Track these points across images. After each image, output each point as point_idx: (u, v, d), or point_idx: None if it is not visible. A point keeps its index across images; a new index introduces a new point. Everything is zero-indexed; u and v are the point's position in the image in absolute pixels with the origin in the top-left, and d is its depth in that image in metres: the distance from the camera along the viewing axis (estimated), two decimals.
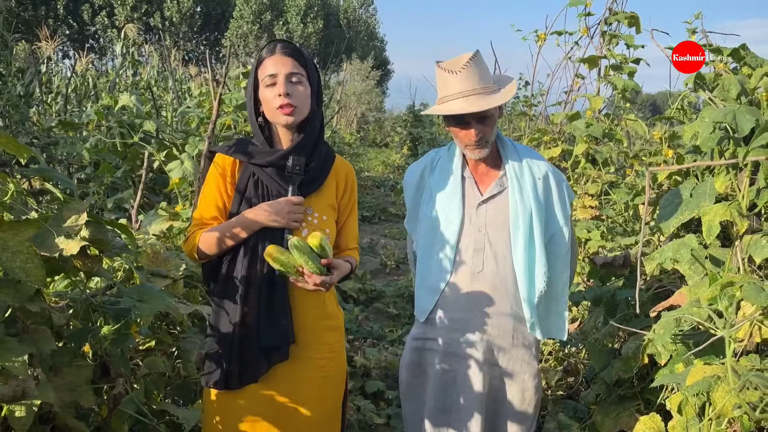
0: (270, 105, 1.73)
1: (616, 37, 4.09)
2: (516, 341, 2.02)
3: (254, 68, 1.76)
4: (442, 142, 10.95)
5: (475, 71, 1.90)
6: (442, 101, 1.95)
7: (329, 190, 1.85)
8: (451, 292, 2.02)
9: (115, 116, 3.61)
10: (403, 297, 5.30)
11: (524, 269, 1.96)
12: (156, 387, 2.19)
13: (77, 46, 16.24)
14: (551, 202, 2.02)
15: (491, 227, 2.00)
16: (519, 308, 2.00)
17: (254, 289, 1.72)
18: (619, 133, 3.86)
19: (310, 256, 1.61)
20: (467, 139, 1.95)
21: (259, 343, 1.70)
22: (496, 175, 2.04)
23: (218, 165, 1.79)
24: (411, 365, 2.12)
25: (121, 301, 1.75)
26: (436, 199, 2.05)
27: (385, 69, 41.37)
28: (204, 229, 1.77)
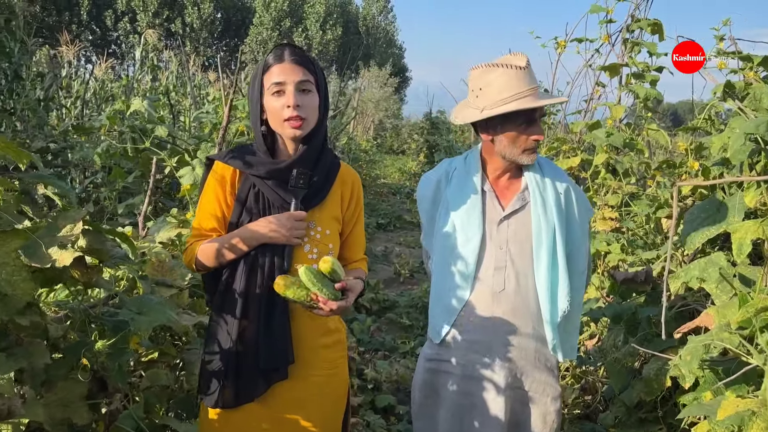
0: (277, 116, 1.64)
1: (639, 44, 3.98)
2: (539, 363, 1.92)
3: (259, 74, 1.67)
4: (459, 149, 10.85)
5: (532, 70, 1.84)
6: (509, 100, 1.79)
7: (333, 201, 1.77)
8: (469, 313, 1.92)
9: (127, 121, 3.57)
10: (416, 307, 5.20)
11: (547, 288, 1.86)
12: (158, 400, 2.11)
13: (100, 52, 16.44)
14: (572, 217, 1.92)
15: (513, 244, 1.90)
16: (541, 329, 1.90)
17: (253, 303, 1.64)
18: (640, 143, 3.75)
19: (323, 283, 1.52)
20: (530, 140, 1.84)
21: (258, 365, 1.63)
22: (517, 189, 1.94)
23: (217, 174, 1.71)
24: (424, 386, 2.03)
25: (120, 314, 1.69)
26: (454, 213, 1.94)
27: (403, 76, 41.39)
28: (203, 240, 1.70)
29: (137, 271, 2.24)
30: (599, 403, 2.99)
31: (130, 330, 1.64)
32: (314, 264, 1.69)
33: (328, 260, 1.53)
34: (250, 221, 1.66)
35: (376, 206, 10.45)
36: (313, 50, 36.55)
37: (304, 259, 1.68)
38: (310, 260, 1.68)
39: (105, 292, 1.96)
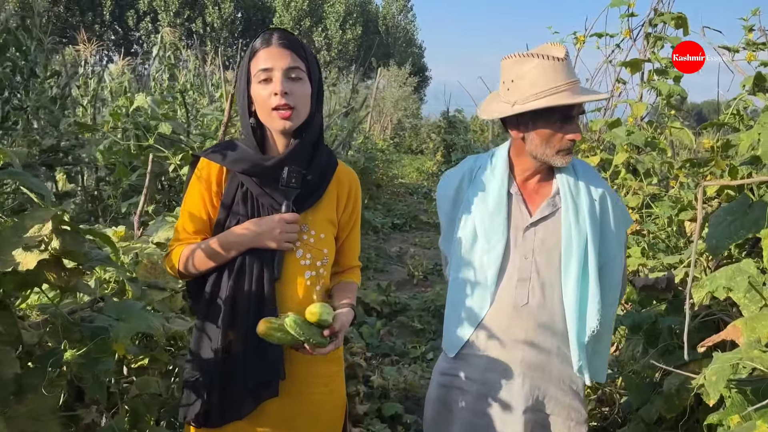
0: (264, 105, 1.50)
1: (662, 39, 3.81)
2: (563, 385, 1.76)
3: (246, 60, 1.53)
4: (477, 149, 10.68)
5: (571, 62, 1.67)
6: (543, 95, 1.62)
7: (329, 203, 1.63)
8: (487, 327, 1.76)
9: (131, 117, 3.48)
10: (429, 311, 5.06)
11: (575, 304, 1.69)
12: (147, 410, 2.01)
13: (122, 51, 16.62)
14: (607, 226, 1.75)
15: (540, 254, 1.73)
16: (566, 348, 1.74)
17: (240, 314, 1.51)
18: (662, 142, 3.58)
19: (310, 332, 1.41)
20: (566, 140, 1.67)
21: (246, 380, 1.50)
22: (547, 193, 1.77)
23: (201, 172, 1.58)
24: (436, 402, 1.88)
25: (96, 320, 1.58)
26: (476, 217, 1.78)
27: (423, 76, 41.22)
28: (185, 245, 1.57)
29: (127, 274, 2.14)
30: (617, 414, 2.83)
31: (108, 338, 1.53)
32: (307, 271, 1.57)
33: (315, 311, 1.42)
34: (237, 224, 1.53)
35: (393, 206, 10.34)
36: (332, 50, 36.55)
37: (296, 266, 1.55)
38: (303, 266, 1.55)
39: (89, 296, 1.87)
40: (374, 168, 10.44)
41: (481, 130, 15.49)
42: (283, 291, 1.53)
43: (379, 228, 8.29)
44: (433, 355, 4.19)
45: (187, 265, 1.55)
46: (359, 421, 3.06)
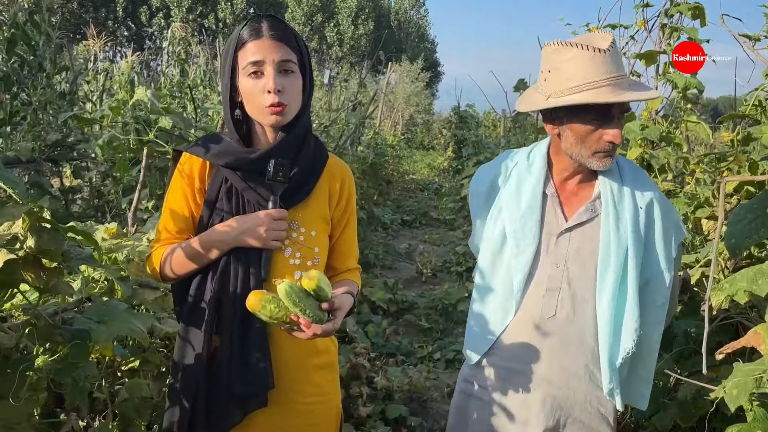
0: (254, 101, 1.40)
1: (678, 30, 3.67)
2: (590, 408, 1.61)
3: (231, 50, 1.43)
4: (488, 145, 10.54)
5: (618, 54, 1.51)
6: (579, 89, 1.48)
7: (320, 198, 1.53)
8: (510, 337, 1.64)
9: (131, 111, 3.41)
10: (437, 309, 4.96)
11: (609, 321, 1.55)
12: (138, 414, 1.93)
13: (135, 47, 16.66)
14: (652, 239, 1.58)
15: (573, 263, 1.59)
16: (596, 368, 1.60)
17: (226, 319, 1.42)
18: (678, 137, 3.46)
19: (306, 302, 1.26)
20: (602, 142, 1.51)
21: (232, 390, 1.40)
22: (587, 197, 1.62)
23: (183, 167, 1.48)
24: (456, 411, 1.78)
25: (76, 322, 1.50)
26: (507, 217, 1.64)
27: (435, 71, 41.02)
28: (168, 245, 1.48)
29: (120, 272, 2.07)
30: (630, 419, 2.73)
31: (87, 342, 1.45)
32: (297, 271, 1.47)
33: (314, 276, 1.27)
34: (221, 222, 1.44)
35: (402, 202, 10.24)
36: (345, 45, 36.43)
37: (285, 266, 1.46)
38: (293, 266, 1.45)
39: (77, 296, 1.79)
40: (384, 164, 10.35)
41: (494, 125, 15.33)
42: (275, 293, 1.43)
43: (388, 224, 8.19)
44: (440, 355, 4.10)
45: (169, 267, 1.45)
46: (362, 424, 2.98)
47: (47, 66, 4.90)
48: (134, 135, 3.41)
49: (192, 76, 9.75)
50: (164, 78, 8.92)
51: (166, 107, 3.49)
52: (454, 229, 8.50)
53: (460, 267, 6.20)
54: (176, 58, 9.61)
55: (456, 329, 4.64)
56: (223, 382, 1.41)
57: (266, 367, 1.40)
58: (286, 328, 1.30)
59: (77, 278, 1.89)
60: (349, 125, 6.75)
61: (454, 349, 4.10)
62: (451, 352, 4.06)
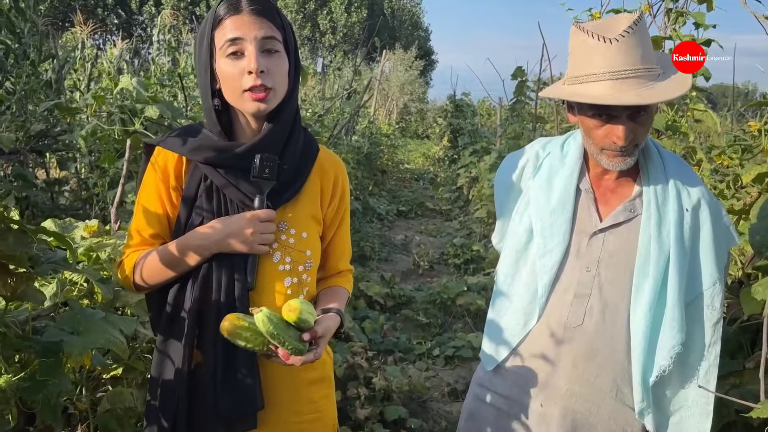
0: (233, 85, 1.23)
1: (684, 15, 3.55)
2: (615, 426, 1.46)
3: (208, 29, 1.26)
4: (485, 134, 10.40)
5: (637, 44, 1.32)
6: (579, 80, 1.37)
7: (311, 196, 1.38)
8: (531, 345, 1.50)
9: (116, 100, 3.26)
10: (435, 303, 4.83)
11: (644, 335, 1.39)
12: (120, 426, 1.81)
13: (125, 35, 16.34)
14: (699, 245, 1.41)
15: (606, 268, 1.44)
16: (625, 384, 1.45)
17: (208, 332, 1.27)
18: (684, 126, 3.34)
19: (286, 334, 1.14)
20: (607, 140, 1.37)
21: (217, 409, 1.25)
22: (626, 195, 1.47)
23: (157, 163, 1.32)
24: (469, 416, 1.65)
25: (47, 333, 1.36)
26: (534, 214, 1.50)
27: (429, 59, 40.79)
28: (141, 251, 1.33)
29: (102, 273, 1.93)
30: None
31: (59, 355, 1.31)
32: (287, 278, 1.33)
33: (295, 307, 1.14)
34: (201, 224, 1.28)
35: (398, 192, 10.12)
36: (338, 33, 36.13)
37: (274, 272, 1.31)
38: (282, 272, 1.31)
39: (51, 302, 1.65)
40: (379, 153, 10.20)
41: (489, 114, 15.17)
42: (259, 302, 1.27)
43: (383, 215, 8.07)
44: (439, 351, 3.98)
45: (142, 275, 1.30)
46: (360, 427, 2.86)
47: (32, 54, 4.73)
48: (119, 125, 3.27)
49: (183, 65, 9.56)
50: (154, 66, 8.73)
51: (153, 96, 3.34)
52: (450, 219, 8.39)
53: (458, 259, 6.08)
54: (167, 46, 9.41)
55: (455, 324, 4.53)
56: (208, 401, 1.26)
57: (254, 384, 1.26)
58: (262, 354, 1.18)
59: (53, 281, 1.75)
60: (344, 114, 6.59)
61: (454, 345, 3.98)
62: (451, 349, 3.94)
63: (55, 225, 2.03)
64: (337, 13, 36.55)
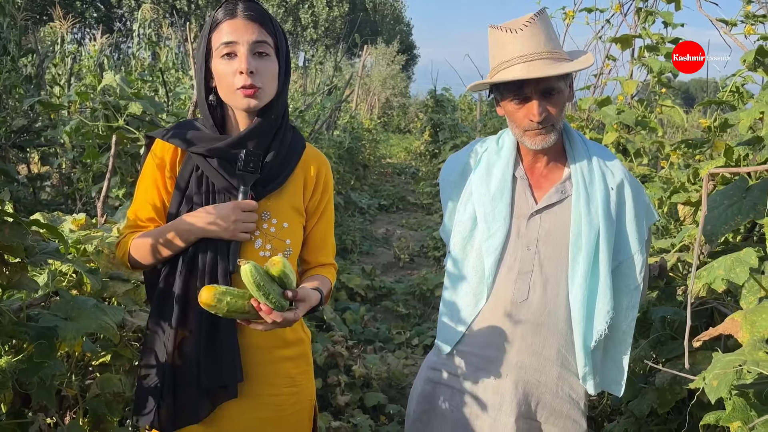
0: (226, 83, 1.36)
1: (653, 14, 3.68)
2: (561, 392, 1.60)
3: (206, 32, 1.40)
4: (464, 129, 10.53)
5: (541, 31, 1.50)
6: (496, 70, 1.54)
7: (294, 188, 1.49)
8: (482, 323, 1.61)
9: (100, 97, 3.31)
10: (414, 295, 4.95)
11: (582, 304, 1.54)
12: (109, 410, 1.89)
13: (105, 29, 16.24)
14: (623, 220, 1.58)
15: (544, 245, 1.58)
16: (569, 352, 1.59)
17: (193, 311, 1.38)
18: (653, 121, 3.47)
19: (270, 287, 1.21)
20: (526, 119, 1.52)
21: (200, 383, 1.38)
22: (557, 178, 1.62)
23: (156, 154, 1.45)
24: (421, 398, 1.74)
25: (42, 319, 1.44)
26: (477, 202, 1.63)
27: (411, 54, 40.83)
28: (138, 233, 1.44)
29: (90, 264, 2.00)
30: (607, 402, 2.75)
31: (53, 340, 1.39)
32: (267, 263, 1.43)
33: (279, 261, 1.23)
34: (191, 211, 1.40)
35: (379, 187, 10.20)
36: (319, 27, 36.03)
37: (255, 257, 1.41)
38: (262, 258, 1.41)
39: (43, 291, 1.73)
40: (360, 148, 10.28)
41: (469, 109, 15.31)
42: (241, 285, 1.39)
43: (365, 209, 8.16)
44: (418, 341, 4.09)
45: (137, 254, 1.42)
46: (340, 413, 2.96)
47: (12, 49, 4.74)
48: (103, 121, 3.33)
49: (163, 59, 9.56)
50: (135, 61, 8.71)
51: (137, 92, 3.41)
52: (431, 213, 8.50)
53: (438, 252, 6.20)
54: (147, 41, 9.38)
55: (433, 314, 4.64)
56: (192, 375, 1.38)
57: (235, 359, 1.38)
58: (244, 318, 1.25)
59: (44, 272, 1.83)
60: (324, 109, 6.67)
61: (432, 335, 4.10)
62: (429, 338, 4.06)
63: (44, 219, 2.10)
64: (318, 7, 36.44)
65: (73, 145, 4.07)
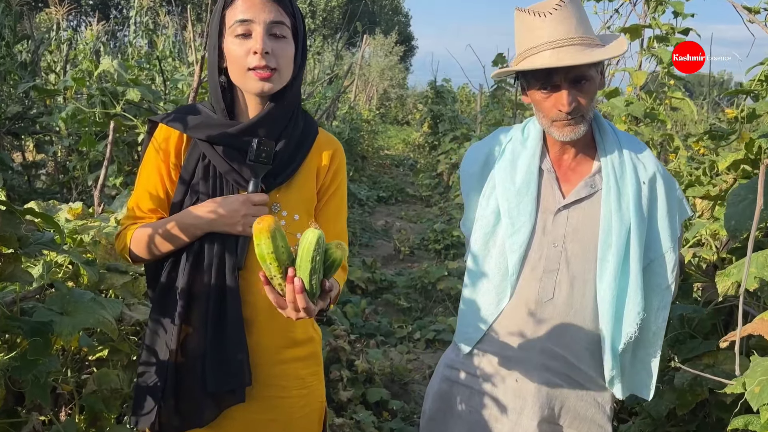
0: (238, 64, 1.27)
1: (663, 3, 3.60)
2: (587, 397, 1.53)
3: (219, 8, 1.30)
4: (465, 120, 10.44)
5: (572, 14, 1.40)
6: (523, 56, 1.45)
7: (307, 178, 1.40)
8: (504, 323, 1.54)
9: (97, 83, 3.22)
10: (415, 288, 4.88)
11: (611, 304, 1.45)
12: (106, 406, 1.81)
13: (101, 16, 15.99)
14: (655, 216, 1.48)
15: (572, 242, 1.49)
16: (595, 354, 1.52)
17: (198, 309, 1.30)
18: (662, 113, 3.41)
19: (318, 267, 1.07)
20: (554, 109, 1.43)
21: (206, 386, 1.29)
22: (586, 172, 1.53)
23: (158, 140, 1.35)
24: (438, 397, 1.67)
25: (37, 313, 1.36)
26: (501, 195, 1.54)
27: (409, 45, 40.66)
28: (139, 224, 1.36)
29: (87, 255, 1.93)
30: (623, 409, 2.68)
31: (48, 336, 1.32)
32: None
33: (345, 248, 1.10)
34: (197, 203, 1.31)
35: (378, 179, 10.13)
36: (317, 17, 35.81)
37: None
38: None
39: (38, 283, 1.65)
40: (359, 139, 10.20)
41: (469, 100, 15.22)
42: (249, 282, 1.31)
43: (364, 201, 8.09)
44: (420, 335, 4.03)
45: (139, 247, 1.33)
46: (342, 409, 2.90)
47: (7, 35, 4.64)
48: (100, 108, 3.24)
49: (160, 48, 9.42)
50: (132, 49, 8.60)
51: (134, 79, 3.31)
52: (430, 205, 8.44)
53: (438, 245, 6.13)
54: (144, 29, 9.27)
55: (435, 308, 4.59)
56: (197, 376, 1.29)
57: (243, 361, 1.29)
58: (265, 276, 1.09)
59: (38, 263, 1.75)
60: (326, 99, 6.58)
61: (435, 329, 4.04)
62: (431, 332, 3.99)
63: (38, 207, 2.02)
64: None
65: (69, 132, 3.98)
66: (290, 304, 1.09)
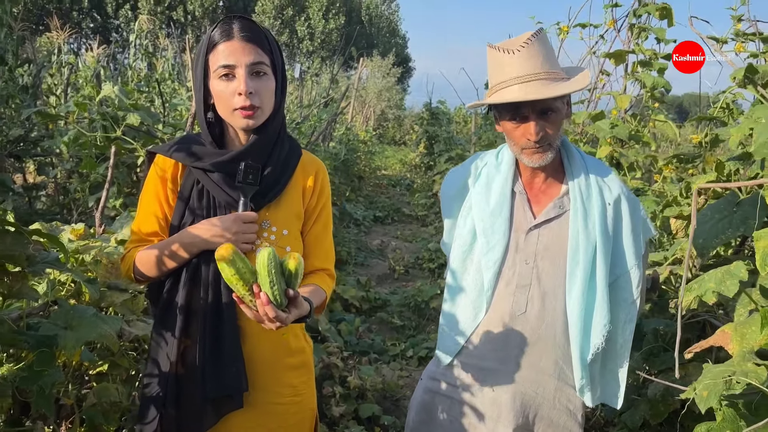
0: (225, 103, 1.39)
1: (646, 30, 3.74)
2: (558, 404, 1.63)
3: (203, 52, 1.42)
4: (459, 141, 10.58)
5: (539, 52, 1.52)
6: (494, 90, 1.57)
7: (293, 196, 1.52)
8: (481, 336, 1.64)
9: (98, 107, 3.33)
10: (409, 307, 4.95)
11: (579, 317, 1.56)
12: (106, 419, 1.89)
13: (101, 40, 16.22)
14: (620, 235, 1.60)
15: (542, 260, 1.60)
16: (566, 365, 1.62)
17: (196, 321, 1.41)
18: (646, 135, 3.52)
19: (278, 278, 1.19)
20: (524, 138, 1.54)
21: (205, 392, 1.39)
22: (555, 193, 1.64)
23: (158, 168, 1.48)
24: (420, 408, 1.76)
25: (42, 328, 1.46)
26: (477, 215, 1.65)
27: (406, 66, 41.07)
28: (142, 247, 1.47)
29: (88, 274, 2.02)
30: (600, 414, 2.76)
31: (53, 349, 1.41)
32: None
33: (297, 257, 1.23)
34: (193, 224, 1.43)
35: (375, 199, 10.23)
36: (315, 39, 36.21)
37: None
38: None
39: (42, 300, 1.74)
40: (356, 159, 10.32)
41: (464, 121, 15.39)
42: None
43: (360, 221, 8.17)
44: (413, 353, 4.10)
45: (141, 268, 1.45)
46: (335, 424, 2.97)
47: (9, 59, 4.76)
48: (101, 131, 3.35)
49: (160, 70, 9.58)
50: (131, 72, 8.74)
51: (134, 103, 3.43)
52: (426, 225, 8.52)
53: (433, 264, 6.21)
54: (143, 52, 9.41)
55: (428, 326, 4.66)
56: (197, 385, 1.40)
57: (240, 368, 1.40)
58: (239, 295, 1.21)
59: (43, 281, 1.85)
60: (321, 121, 6.70)
61: (427, 346, 4.11)
62: (424, 350, 4.07)
63: (43, 228, 2.11)
64: (315, 19, 36.65)
65: (70, 155, 4.09)
66: (264, 316, 1.22)
